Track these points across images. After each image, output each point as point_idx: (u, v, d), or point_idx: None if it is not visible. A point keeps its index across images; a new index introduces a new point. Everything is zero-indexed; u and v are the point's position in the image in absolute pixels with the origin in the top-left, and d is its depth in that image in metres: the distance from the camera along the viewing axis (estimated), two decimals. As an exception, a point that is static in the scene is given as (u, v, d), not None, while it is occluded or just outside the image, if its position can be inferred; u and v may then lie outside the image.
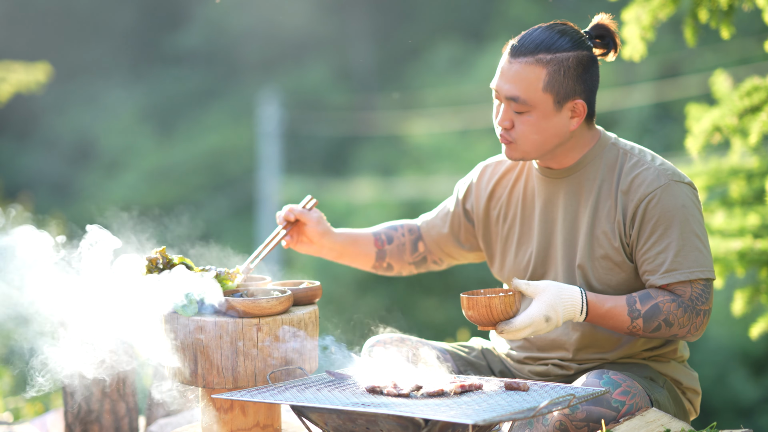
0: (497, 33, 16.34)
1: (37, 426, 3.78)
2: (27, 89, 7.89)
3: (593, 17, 2.87)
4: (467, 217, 3.10)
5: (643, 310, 2.70)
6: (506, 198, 3.00)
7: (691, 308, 2.70)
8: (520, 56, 2.75)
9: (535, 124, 2.76)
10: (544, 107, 2.75)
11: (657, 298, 2.70)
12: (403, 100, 16.36)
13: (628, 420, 2.65)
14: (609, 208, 2.80)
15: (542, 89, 2.74)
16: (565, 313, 2.69)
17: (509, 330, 2.67)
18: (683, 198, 2.74)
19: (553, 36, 2.75)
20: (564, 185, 2.87)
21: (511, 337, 2.69)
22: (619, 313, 2.71)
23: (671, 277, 2.70)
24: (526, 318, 2.67)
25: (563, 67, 2.73)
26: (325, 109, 17.06)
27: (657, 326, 2.70)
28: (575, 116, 2.78)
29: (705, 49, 12.92)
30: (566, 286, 2.70)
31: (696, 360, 9.84)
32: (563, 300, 2.69)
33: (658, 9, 4.02)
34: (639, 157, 2.81)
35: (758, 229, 4.43)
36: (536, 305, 2.68)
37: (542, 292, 2.69)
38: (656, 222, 2.73)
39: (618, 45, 2.85)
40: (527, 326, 2.67)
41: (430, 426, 2.34)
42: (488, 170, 3.07)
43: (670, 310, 2.69)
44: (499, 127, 2.81)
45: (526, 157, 2.83)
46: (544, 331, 2.68)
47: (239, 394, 2.55)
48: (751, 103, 3.93)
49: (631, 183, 2.78)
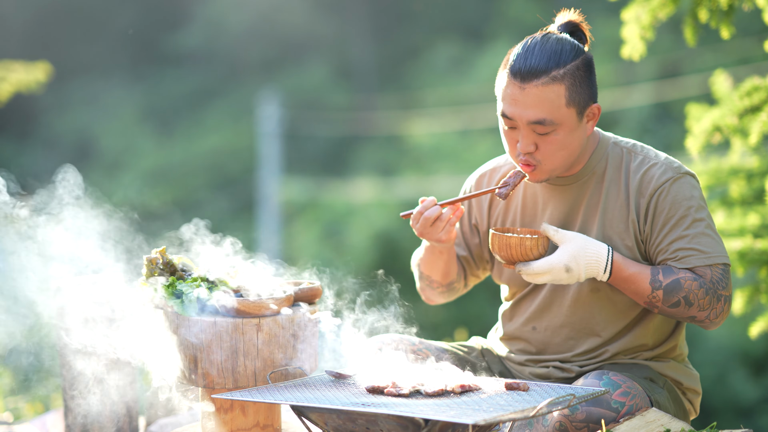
0: (497, 33, 16.35)
1: (37, 426, 3.78)
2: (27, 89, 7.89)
3: (594, 18, 2.86)
4: (471, 232, 3.07)
5: (665, 282, 2.70)
6: (504, 206, 2.99)
7: (713, 291, 2.71)
8: (533, 79, 2.69)
9: (563, 140, 2.73)
10: (569, 122, 2.72)
11: (679, 274, 2.71)
12: (403, 100, 16.36)
13: (628, 420, 2.65)
14: (620, 207, 2.80)
15: (566, 105, 2.71)
16: (587, 268, 2.69)
17: (526, 272, 2.70)
18: (691, 189, 2.76)
19: (557, 49, 2.72)
20: (571, 192, 2.86)
21: (530, 279, 2.71)
22: (642, 279, 2.71)
23: (688, 263, 2.72)
24: (545, 263, 2.69)
25: (576, 77, 2.71)
26: (325, 109, 17.06)
27: (677, 302, 2.70)
28: (591, 120, 2.78)
29: (705, 49, 12.92)
30: (594, 241, 2.71)
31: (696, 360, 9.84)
32: (588, 253, 2.69)
33: (657, 9, 4.01)
34: (644, 155, 2.81)
35: (758, 229, 4.43)
36: (559, 253, 2.70)
37: (569, 241, 2.70)
38: (667, 214, 2.74)
39: (588, 36, 2.83)
40: (546, 272, 2.69)
41: (430, 426, 2.34)
42: (484, 180, 3.04)
43: (691, 288, 2.69)
44: (520, 153, 2.75)
45: (552, 175, 2.79)
46: (566, 281, 2.70)
47: (239, 394, 2.55)
48: (751, 103, 3.93)
49: (641, 180, 2.78)
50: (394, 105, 16.46)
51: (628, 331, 2.86)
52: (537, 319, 2.93)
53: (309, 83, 18.01)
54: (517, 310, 2.99)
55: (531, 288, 2.95)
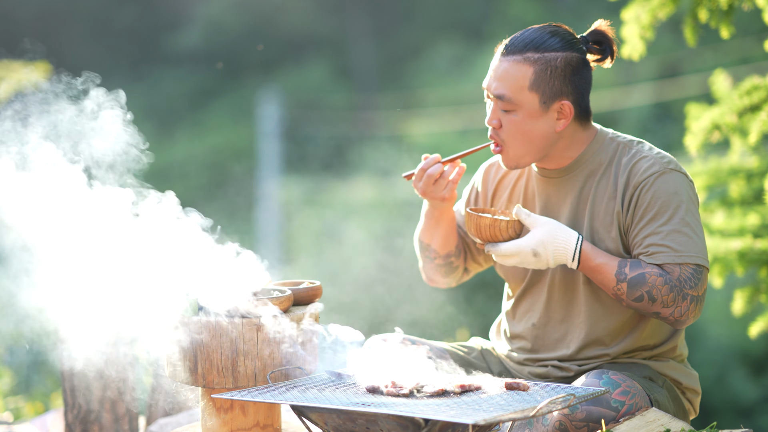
0: (497, 33, 16.33)
1: (37, 426, 3.78)
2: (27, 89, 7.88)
3: (593, 18, 2.88)
4: None
5: (630, 275, 2.70)
6: (507, 197, 3.01)
7: (678, 288, 2.69)
8: (510, 55, 2.77)
9: (521, 123, 2.77)
10: (529, 106, 2.76)
11: (645, 269, 2.70)
12: (403, 100, 16.36)
13: (627, 420, 2.65)
14: (608, 199, 2.81)
15: (528, 88, 2.74)
16: (555, 254, 2.72)
17: (496, 252, 2.77)
18: (676, 186, 2.75)
19: (544, 36, 2.76)
20: (563, 184, 2.87)
21: (499, 261, 2.78)
22: (608, 271, 2.72)
23: (657, 259, 2.71)
24: (513, 246, 2.74)
25: (550, 67, 2.74)
26: (325, 109, 17.06)
27: (640, 296, 2.70)
28: (561, 118, 2.78)
29: (705, 48, 12.92)
30: (565, 228, 2.74)
31: (696, 360, 9.84)
32: (556, 240, 2.72)
33: (657, 8, 4.02)
34: (637, 149, 2.82)
35: (758, 229, 4.43)
36: (528, 237, 2.74)
37: (539, 226, 2.74)
38: (647, 207, 2.74)
39: (615, 52, 2.85)
40: (513, 254, 2.74)
41: (430, 426, 2.35)
42: (492, 170, 3.08)
43: (655, 284, 2.69)
44: (489, 127, 2.82)
45: (520, 163, 2.82)
46: (533, 265, 2.74)
47: (239, 394, 2.55)
48: (751, 102, 3.94)
49: (629, 172, 2.79)
50: (394, 105, 16.46)
51: (627, 330, 2.86)
52: (536, 316, 2.93)
53: (309, 83, 18.01)
54: (518, 308, 2.99)
55: (530, 285, 2.95)
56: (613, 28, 2.87)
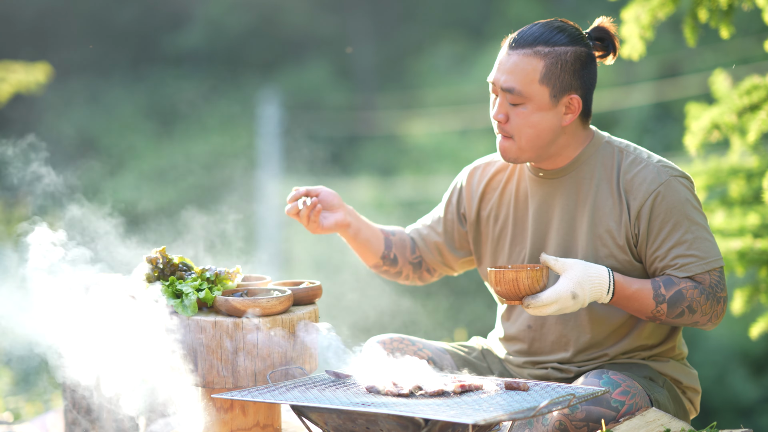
0: (497, 32, 16.33)
1: (37, 426, 3.78)
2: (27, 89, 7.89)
3: (594, 18, 2.88)
4: (460, 221, 3.09)
5: (668, 295, 2.71)
6: (497, 199, 2.99)
7: (713, 295, 2.72)
8: (518, 48, 2.76)
9: (530, 116, 2.76)
10: (539, 100, 2.75)
11: (680, 285, 2.71)
12: (403, 99, 16.36)
13: (628, 420, 2.65)
14: (611, 206, 2.80)
15: (539, 81, 2.74)
16: (592, 292, 2.69)
17: (536, 305, 2.67)
18: (685, 192, 2.77)
19: (552, 31, 2.77)
20: (559, 185, 2.86)
21: (537, 313, 2.68)
22: (645, 296, 2.71)
23: (688, 270, 2.72)
24: (553, 293, 2.66)
25: (561, 60, 2.74)
26: (325, 109, 17.06)
27: (680, 312, 2.71)
28: (569, 112, 2.78)
29: (705, 48, 12.92)
30: (593, 264, 2.71)
31: (696, 360, 9.84)
32: (590, 278, 2.68)
33: (657, 8, 4.02)
34: (635, 155, 2.82)
35: (758, 229, 4.43)
36: (563, 281, 2.68)
37: (570, 268, 2.69)
38: (663, 219, 2.74)
39: (617, 48, 2.86)
40: (554, 302, 2.67)
41: (430, 426, 2.35)
42: (477, 172, 3.06)
43: (693, 297, 2.70)
44: (494, 121, 2.81)
45: (521, 156, 2.81)
46: (571, 309, 2.68)
47: (239, 394, 2.55)
48: (751, 101, 3.94)
49: (633, 181, 2.78)
50: (394, 105, 16.46)
51: (626, 330, 2.86)
52: (532, 318, 2.93)
53: (309, 83, 18.01)
54: (513, 310, 2.99)
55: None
56: (616, 25, 2.87)
